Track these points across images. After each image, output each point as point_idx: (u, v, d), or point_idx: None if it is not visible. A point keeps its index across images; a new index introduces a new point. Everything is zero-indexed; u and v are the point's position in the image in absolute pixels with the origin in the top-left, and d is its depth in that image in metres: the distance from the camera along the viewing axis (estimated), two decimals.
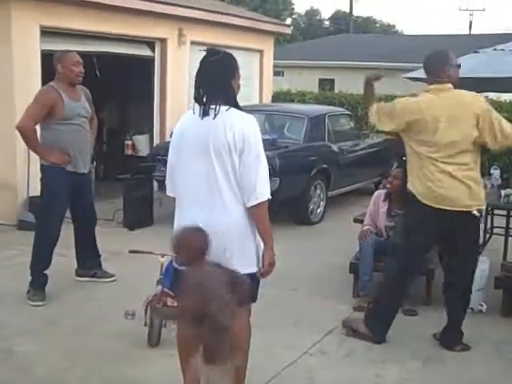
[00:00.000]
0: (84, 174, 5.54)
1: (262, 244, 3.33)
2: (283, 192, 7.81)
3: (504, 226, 6.47)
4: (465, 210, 4.38)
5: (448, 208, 4.35)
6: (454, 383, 4.14)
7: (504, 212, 6.49)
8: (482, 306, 5.36)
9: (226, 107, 3.21)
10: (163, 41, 10.46)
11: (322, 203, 8.97)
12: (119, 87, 10.98)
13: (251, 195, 3.17)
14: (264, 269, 3.27)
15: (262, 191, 3.18)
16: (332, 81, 21.63)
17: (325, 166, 8.86)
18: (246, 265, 3.25)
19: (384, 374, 4.21)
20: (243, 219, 3.24)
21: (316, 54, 23.56)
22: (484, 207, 4.72)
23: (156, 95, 10.65)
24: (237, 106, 3.26)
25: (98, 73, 9.58)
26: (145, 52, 10.36)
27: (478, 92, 11.26)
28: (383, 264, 5.32)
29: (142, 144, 11.12)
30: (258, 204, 3.18)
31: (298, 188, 8.40)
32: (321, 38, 29.65)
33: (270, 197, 3.23)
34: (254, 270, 3.30)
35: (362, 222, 5.96)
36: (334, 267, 6.42)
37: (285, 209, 8.54)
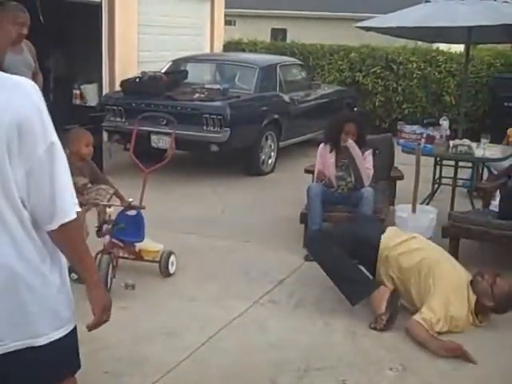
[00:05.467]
0: None
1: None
2: (234, 142, 7.81)
3: (452, 176, 6.57)
4: None
5: None
6: (400, 328, 4.22)
7: (452, 162, 6.59)
8: None
9: None
10: None
11: (273, 154, 8.96)
12: (65, 34, 10.64)
13: (49, 215, 1.88)
14: (96, 317, 2.13)
15: (65, 207, 1.89)
16: (284, 30, 21.42)
17: (276, 116, 8.83)
18: (56, 326, 2.03)
19: (333, 323, 4.27)
20: (41, 258, 1.92)
21: (268, 3, 23.23)
22: None
23: (104, 42, 10.36)
24: None
25: (41, 18, 9.23)
26: None
27: (428, 42, 11.24)
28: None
29: (90, 93, 10.85)
30: (63, 226, 1.89)
31: (249, 138, 8.35)
32: None
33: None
34: (67, 331, 2.09)
35: (313, 172, 5.96)
36: (285, 218, 6.44)
37: (236, 160, 8.53)
